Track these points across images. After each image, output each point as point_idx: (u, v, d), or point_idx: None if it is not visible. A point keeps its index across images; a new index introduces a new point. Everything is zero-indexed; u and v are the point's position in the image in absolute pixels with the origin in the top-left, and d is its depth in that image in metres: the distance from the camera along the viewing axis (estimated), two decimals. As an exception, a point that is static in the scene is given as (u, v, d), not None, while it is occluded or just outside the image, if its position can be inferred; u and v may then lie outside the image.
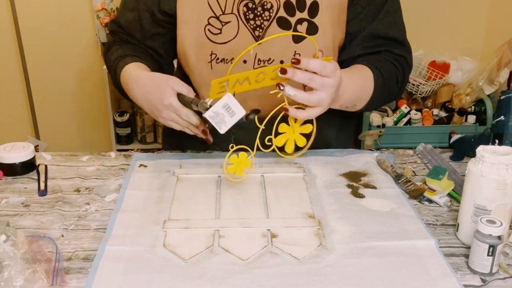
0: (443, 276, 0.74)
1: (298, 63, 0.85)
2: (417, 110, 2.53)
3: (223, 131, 0.89)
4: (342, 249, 0.80)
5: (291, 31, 1.04)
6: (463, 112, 2.50)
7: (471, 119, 2.49)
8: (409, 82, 2.53)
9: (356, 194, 0.96)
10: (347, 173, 1.04)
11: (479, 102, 2.53)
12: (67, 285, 0.72)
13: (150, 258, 0.78)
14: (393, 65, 1.07)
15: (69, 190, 0.98)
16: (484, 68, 2.47)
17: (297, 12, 1.04)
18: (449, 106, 2.55)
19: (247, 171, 0.93)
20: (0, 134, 2.61)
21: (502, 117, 1.01)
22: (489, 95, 2.52)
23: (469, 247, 0.77)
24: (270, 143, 0.93)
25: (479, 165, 0.77)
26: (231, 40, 1.05)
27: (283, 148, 0.94)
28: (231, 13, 1.04)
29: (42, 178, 1.00)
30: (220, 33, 1.05)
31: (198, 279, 0.73)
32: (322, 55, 0.89)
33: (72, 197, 0.96)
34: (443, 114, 2.56)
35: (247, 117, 0.91)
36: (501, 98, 1.02)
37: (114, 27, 1.16)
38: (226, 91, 0.88)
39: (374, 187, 0.99)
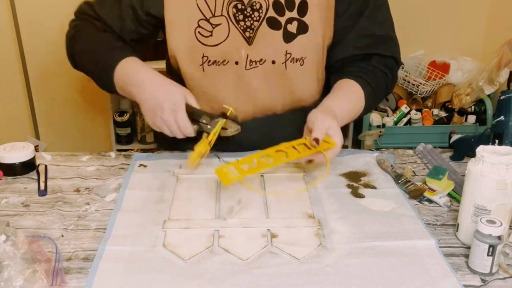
0: (443, 276, 0.74)
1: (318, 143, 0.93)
2: (417, 110, 2.53)
3: None
4: (342, 249, 0.80)
5: (281, 31, 1.04)
6: (463, 112, 2.49)
7: (471, 119, 2.49)
8: (409, 82, 2.53)
9: (356, 194, 0.96)
10: (347, 173, 1.04)
11: (479, 102, 2.53)
12: (67, 285, 0.72)
13: (150, 258, 0.77)
14: (383, 72, 1.10)
15: (69, 190, 0.98)
16: (484, 68, 2.47)
17: (287, 11, 1.04)
18: (449, 106, 2.55)
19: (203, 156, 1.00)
20: (0, 134, 2.61)
21: (502, 117, 1.01)
22: (489, 95, 2.52)
23: (469, 247, 0.77)
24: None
25: (479, 165, 0.77)
26: (222, 42, 1.04)
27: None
28: (221, 15, 1.04)
29: (42, 178, 1.00)
30: (211, 35, 1.04)
31: (198, 279, 0.73)
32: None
33: (72, 197, 0.96)
34: (443, 114, 2.56)
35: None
36: (501, 98, 1.02)
37: (89, 11, 1.10)
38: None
39: (374, 187, 0.99)
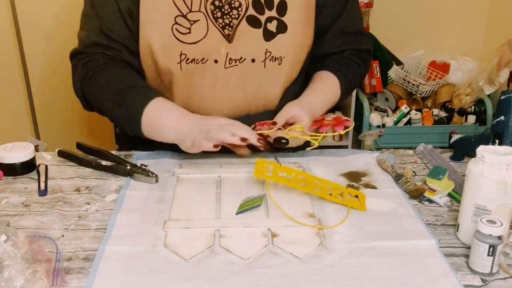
0: (443, 276, 0.74)
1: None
2: (417, 110, 2.53)
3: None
4: (343, 249, 0.80)
5: (261, 29, 1.04)
6: (463, 112, 2.50)
7: (471, 119, 2.49)
8: (409, 82, 2.53)
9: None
10: (348, 173, 1.04)
11: (479, 102, 2.53)
12: (67, 285, 0.72)
13: (150, 258, 0.78)
14: (357, 64, 1.17)
15: (69, 190, 0.98)
16: (484, 68, 2.47)
17: (266, 10, 1.04)
18: (449, 106, 2.55)
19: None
20: (0, 134, 2.61)
21: (502, 117, 1.01)
22: (489, 95, 2.52)
23: (469, 247, 0.77)
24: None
25: (479, 165, 0.77)
26: (201, 39, 1.02)
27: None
28: (199, 11, 1.02)
29: (42, 178, 1.00)
30: (189, 32, 1.02)
31: (198, 279, 0.73)
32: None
33: (73, 197, 0.96)
34: (443, 114, 2.56)
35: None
36: (501, 98, 1.02)
37: (102, 39, 1.03)
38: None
39: (374, 187, 0.99)
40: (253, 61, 1.06)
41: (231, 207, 0.91)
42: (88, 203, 0.93)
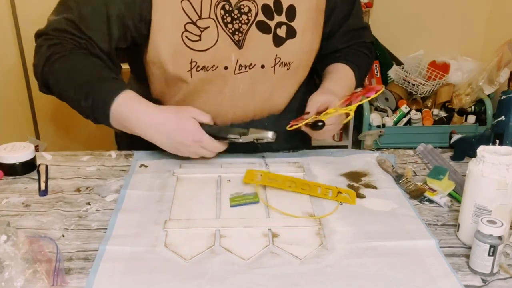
0: (443, 276, 0.74)
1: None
2: (417, 110, 2.54)
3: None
4: (343, 249, 0.80)
5: (271, 35, 1.04)
6: (463, 112, 2.50)
7: (471, 119, 2.50)
8: (409, 82, 2.53)
9: (356, 194, 0.96)
10: (348, 173, 1.04)
11: (479, 102, 2.53)
12: (67, 285, 0.72)
13: (151, 258, 0.77)
14: (365, 55, 1.21)
15: (69, 190, 0.98)
16: (484, 68, 2.47)
17: (276, 15, 1.03)
18: (449, 106, 2.55)
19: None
20: (0, 134, 2.61)
21: (502, 117, 1.01)
22: (489, 95, 2.52)
23: (469, 247, 0.77)
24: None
25: (479, 165, 0.77)
26: (212, 46, 1.01)
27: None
28: (209, 17, 1.00)
29: (43, 178, 1.00)
30: (199, 39, 1.00)
31: (199, 279, 0.73)
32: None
33: (73, 197, 0.96)
34: (443, 114, 2.56)
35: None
36: (502, 98, 1.02)
37: (72, 28, 0.97)
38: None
39: (374, 187, 0.99)
40: (262, 67, 1.06)
41: (231, 207, 0.91)
42: (89, 203, 0.93)
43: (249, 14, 1.02)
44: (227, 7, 1.00)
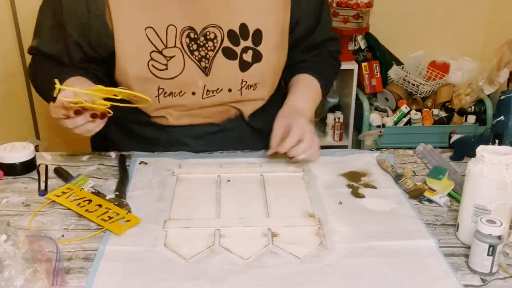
0: (443, 276, 0.74)
1: (276, 153, 1.01)
2: (417, 110, 2.53)
3: None
4: (342, 249, 0.80)
5: (237, 61, 1.05)
6: (463, 112, 2.49)
7: (471, 119, 2.49)
8: (409, 82, 2.53)
9: (356, 194, 0.96)
10: (347, 173, 1.04)
11: (479, 102, 2.53)
12: (67, 285, 0.72)
13: (150, 257, 0.78)
14: (331, 64, 1.21)
15: (69, 190, 0.98)
16: (484, 68, 2.47)
17: (241, 40, 1.04)
18: (449, 106, 2.55)
19: None
20: (0, 134, 2.61)
21: (502, 117, 1.01)
22: (489, 95, 2.52)
23: (469, 247, 0.77)
24: None
25: (479, 165, 0.77)
26: (179, 75, 1.03)
27: None
28: (174, 46, 1.01)
29: (43, 178, 1.00)
30: (166, 68, 1.02)
31: (198, 279, 0.73)
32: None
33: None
34: (443, 114, 2.56)
35: None
36: (501, 98, 1.02)
37: (38, 53, 1.08)
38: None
39: (374, 187, 0.99)
40: (229, 90, 1.08)
41: (231, 207, 0.91)
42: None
43: (214, 41, 1.03)
44: (192, 35, 1.01)
